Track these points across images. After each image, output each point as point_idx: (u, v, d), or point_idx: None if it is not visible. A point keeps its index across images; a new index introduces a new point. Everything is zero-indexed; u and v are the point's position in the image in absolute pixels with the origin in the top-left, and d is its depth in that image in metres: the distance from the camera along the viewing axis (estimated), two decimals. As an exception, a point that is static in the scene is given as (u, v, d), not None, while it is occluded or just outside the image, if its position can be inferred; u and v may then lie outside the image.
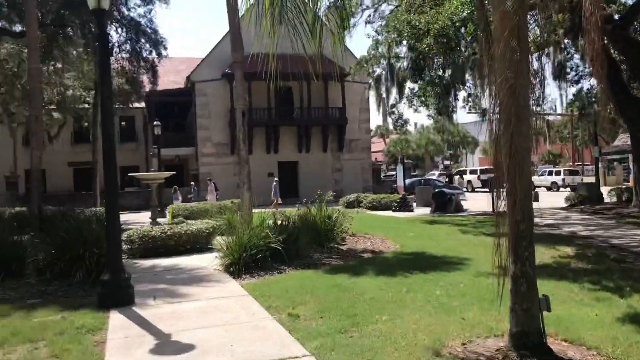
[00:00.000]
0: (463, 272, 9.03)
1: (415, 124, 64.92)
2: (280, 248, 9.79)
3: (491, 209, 6.18)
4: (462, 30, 14.65)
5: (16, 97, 24.97)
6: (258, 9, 5.78)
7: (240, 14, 5.57)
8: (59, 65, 27.19)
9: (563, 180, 41.16)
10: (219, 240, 10.83)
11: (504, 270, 5.01)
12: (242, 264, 9.33)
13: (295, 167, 36.24)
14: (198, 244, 12.28)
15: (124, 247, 12.06)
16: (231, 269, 9.39)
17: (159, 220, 15.08)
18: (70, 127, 39.27)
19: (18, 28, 20.29)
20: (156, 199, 15.32)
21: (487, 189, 37.08)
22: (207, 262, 10.33)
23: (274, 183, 27.43)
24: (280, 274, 9.32)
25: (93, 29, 20.85)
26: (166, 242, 11.83)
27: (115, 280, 7.39)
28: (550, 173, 43.86)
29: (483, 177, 42.41)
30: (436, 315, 6.33)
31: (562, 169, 44.63)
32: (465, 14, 14.06)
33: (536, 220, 17.37)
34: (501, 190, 5.02)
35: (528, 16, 7.63)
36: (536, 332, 4.83)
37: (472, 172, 47.31)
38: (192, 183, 32.17)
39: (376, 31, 19.88)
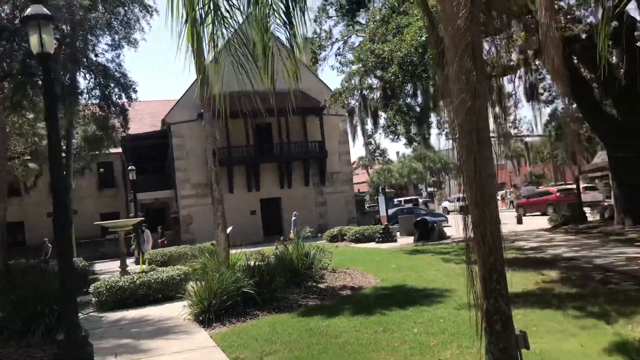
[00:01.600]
0: (444, 305, 8.61)
1: (398, 153, 64.97)
2: (252, 292, 9.35)
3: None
4: (426, 55, 14.45)
5: (-15, 150, 24.31)
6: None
7: (208, 57, 5.30)
8: (31, 115, 26.67)
9: None
10: (189, 288, 10.33)
11: (481, 305, 4.62)
12: (212, 312, 8.84)
13: (278, 203, 35.78)
14: (171, 291, 11.73)
15: (93, 299, 11.58)
16: (201, 317, 8.90)
17: (130, 269, 14.52)
18: (47, 177, 38.55)
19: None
20: (124, 248, 14.74)
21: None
22: (178, 311, 9.79)
23: (294, 217, 27.46)
24: (252, 319, 8.83)
25: (64, 76, 20.58)
26: (135, 292, 11.31)
27: (70, 339, 6.86)
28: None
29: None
30: (412, 357, 5.91)
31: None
32: (423, 37, 13.83)
33: (521, 243, 17.07)
34: (469, 218, 4.68)
35: (489, 38, 7.45)
36: (516, 372, 4.42)
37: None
38: (134, 232, 24.03)
39: (340, 63, 19.83)
